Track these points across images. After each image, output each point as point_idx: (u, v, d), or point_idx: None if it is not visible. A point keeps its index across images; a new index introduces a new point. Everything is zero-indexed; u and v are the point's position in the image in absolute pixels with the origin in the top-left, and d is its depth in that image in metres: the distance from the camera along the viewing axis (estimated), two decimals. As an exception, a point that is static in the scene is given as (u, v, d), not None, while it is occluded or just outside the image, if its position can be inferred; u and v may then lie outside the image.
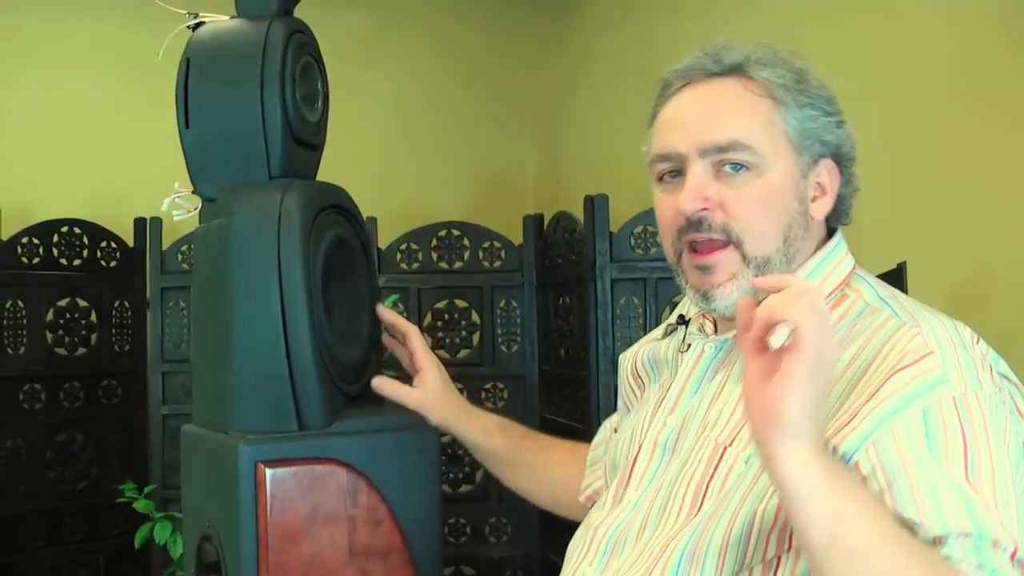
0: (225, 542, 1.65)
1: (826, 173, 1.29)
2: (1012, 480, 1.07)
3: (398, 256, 3.73)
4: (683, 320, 1.44)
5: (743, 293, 1.25)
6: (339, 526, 1.61)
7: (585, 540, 1.35)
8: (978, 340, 1.18)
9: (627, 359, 1.59)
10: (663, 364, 1.47)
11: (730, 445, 1.21)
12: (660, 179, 1.33)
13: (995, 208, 2.54)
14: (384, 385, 1.69)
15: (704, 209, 1.25)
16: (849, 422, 1.09)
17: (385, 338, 1.80)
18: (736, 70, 1.29)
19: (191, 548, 1.80)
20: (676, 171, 1.30)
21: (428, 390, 1.73)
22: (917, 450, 1.06)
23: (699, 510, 1.20)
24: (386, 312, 1.79)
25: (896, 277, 2.43)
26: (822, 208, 1.30)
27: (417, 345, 1.77)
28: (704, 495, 1.20)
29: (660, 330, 1.54)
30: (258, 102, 1.70)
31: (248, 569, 1.58)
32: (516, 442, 1.76)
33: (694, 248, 1.28)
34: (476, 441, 1.76)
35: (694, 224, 1.26)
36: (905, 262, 2.52)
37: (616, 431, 1.62)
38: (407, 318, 3.61)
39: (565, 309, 3.50)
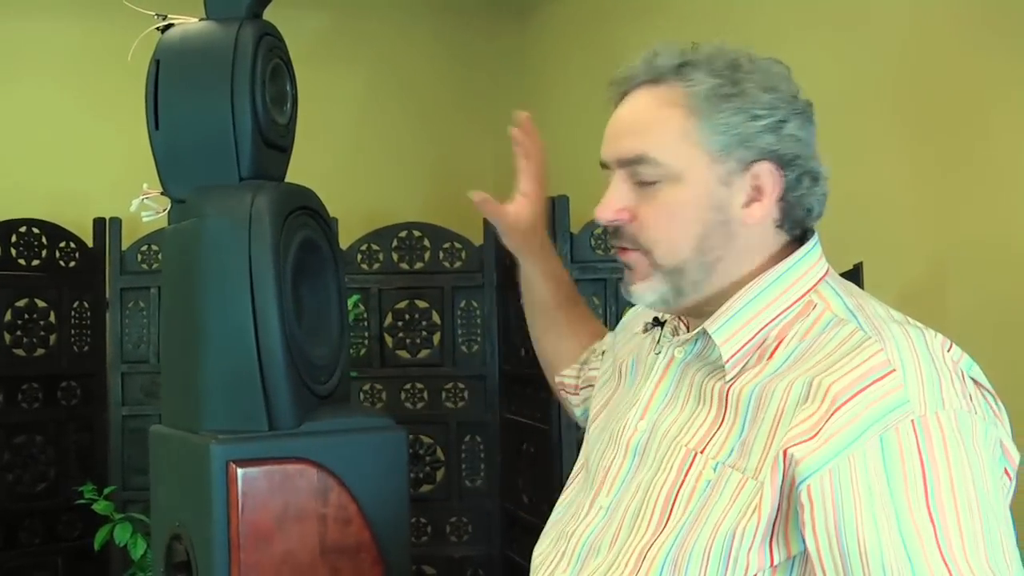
0: (196, 541, 1.67)
1: (767, 176, 1.26)
2: (978, 502, 1.06)
3: (359, 257, 3.73)
4: (659, 322, 1.44)
5: (658, 295, 1.29)
6: (310, 524, 1.63)
7: (558, 549, 1.34)
8: (950, 347, 1.16)
9: (632, 319, 1.61)
10: (640, 363, 1.48)
11: (701, 452, 1.21)
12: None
13: (950, 208, 2.59)
14: (483, 202, 1.74)
15: (617, 220, 1.28)
16: (811, 439, 1.09)
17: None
18: (663, 76, 1.29)
19: (160, 548, 1.81)
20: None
21: (520, 216, 1.77)
22: (872, 487, 1.06)
23: (668, 518, 1.19)
24: (526, 122, 1.82)
25: (853, 278, 2.47)
26: (758, 212, 1.27)
27: (532, 170, 1.81)
28: (674, 503, 1.20)
29: (640, 326, 1.53)
30: (228, 104, 1.72)
31: (219, 568, 1.59)
32: (561, 300, 1.80)
33: (621, 247, 1.32)
34: (531, 276, 1.81)
35: (612, 233, 1.30)
36: (862, 263, 2.56)
37: (603, 353, 1.66)
38: (367, 319, 3.65)
39: (526, 309, 3.51)
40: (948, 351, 1.16)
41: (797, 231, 1.33)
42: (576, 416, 1.79)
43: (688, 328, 1.38)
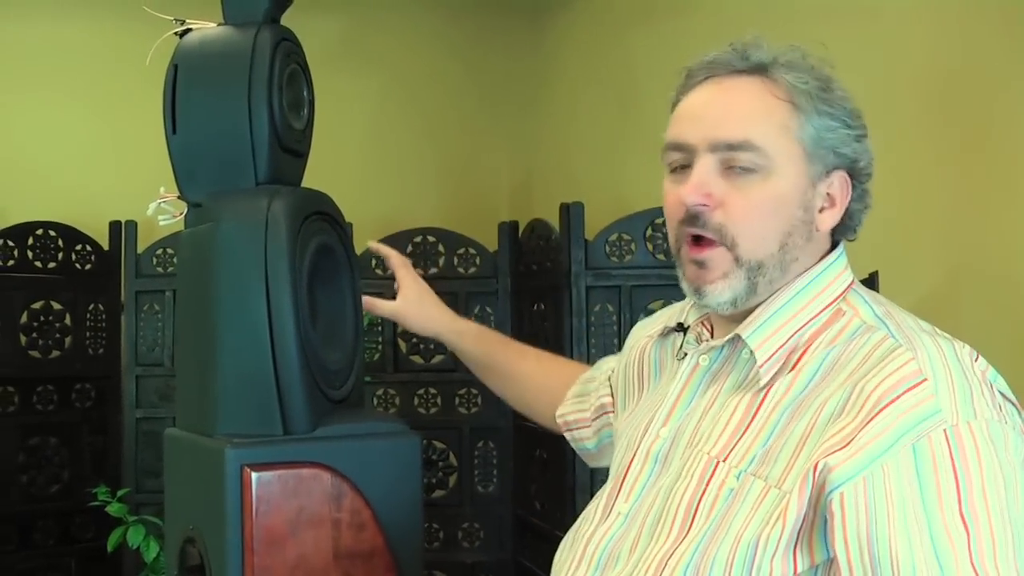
0: (209, 545, 1.67)
1: (838, 185, 1.28)
2: (1009, 510, 1.06)
3: (373, 262, 3.73)
4: (682, 327, 1.43)
5: (733, 294, 1.27)
6: (323, 529, 1.63)
7: (575, 553, 1.33)
8: (977, 358, 1.17)
9: (625, 362, 1.58)
10: (665, 367, 1.47)
11: (724, 460, 1.20)
12: (672, 170, 1.31)
13: (966, 218, 2.58)
14: (366, 303, 1.93)
15: (704, 204, 1.24)
16: (844, 447, 1.09)
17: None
18: (760, 70, 1.28)
19: (173, 551, 1.82)
20: (686, 164, 1.28)
21: (406, 300, 1.93)
22: (905, 495, 1.06)
23: (690, 526, 1.19)
24: (374, 247, 2.09)
25: (868, 286, 2.46)
26: (829, 220, 1.29)
27: (397, 263, 1.97)
28: (695, 512, 1.19)
29: (658, 330, 1.52)
30: (246, 109, 1.72)
31: (233, 572, 1.60)
32: (489, 350, 1.93)
33: (693, 242, 1.27)
34: (454, 344, 1.94)
35: (692, 218, 1.25)
36: (877, 271, 2.56)
37: (611, 387, 1.65)
38: (381, 323, 3.65)
39: (540, 316, 3.52)
40: (975, 362, 1.16)
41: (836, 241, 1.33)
42: (588, 449, 1.76)
43: (712, 334, 1.37)
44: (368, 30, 4.65)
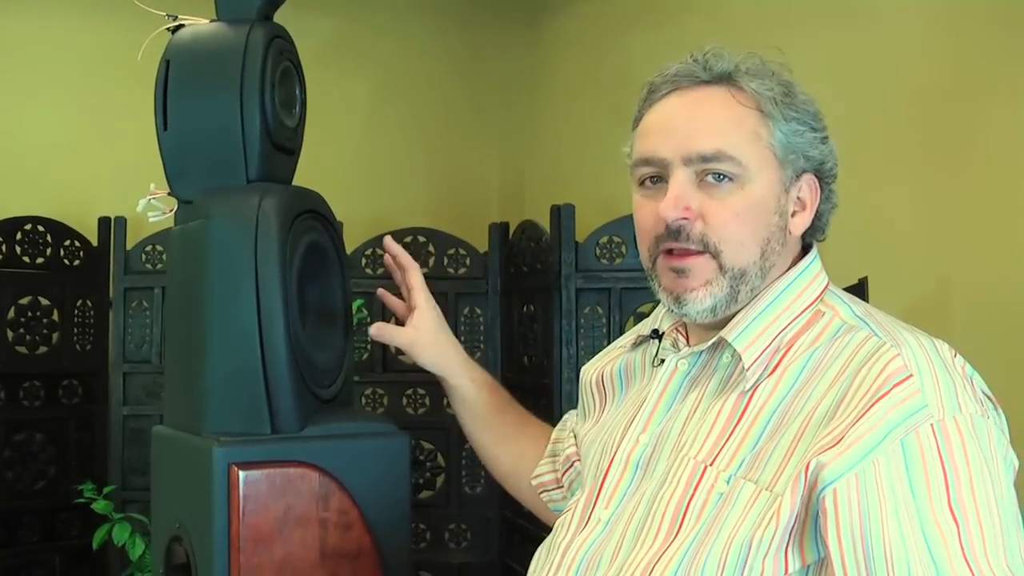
0: (196, 543, 1.66)
1: (807, 188, 1.30)
2: (996, 503, 1.08)
3: (363, 261, 3.73)
4: (656, 334, 1.43)
5: (715, 301, 1.27)
6: (310, 529, 1.62)
7: (552, 563, 1.32)
8: (955, 355, 1.19)
9: (591, 371, 1.58)
10: (635, 377, 1.47)
11: (711, 464, 1.21)
12: (641, 183, 1.32)
13: (956, 224, 2.59)
14: (377, 330, 1.72)
15: (684, 218, 1.25)
16: (835, 445, 1.10)
17: (388, 264, 1.82)
18: (724, 79, 1.29)
19: (160, 549, 1.81)
20: (658, 176, 1.29)
21: (420, 329, 1.73)
22: (896, 490, 1.07)
23: (678, 531, 1.19)
24: (391, 244, 1.80)
25: (858, 292, 2.47)
26: (801, 223, 1.30)
27: (416, 282, 1.77)
28: (684, 516, 1.19)
29: (628, 340, 1.53)
30: (237, 106, 1.71)
31: (219, 571, 1.59)
32: (500, 404, 1.76)
33: (670, 252, 1.28)
34: (463, 390, 1.74)
35: (673, 233, 1.26)
36: (866, 277, 2.56)
37: (575, 436, 1.62)
38: (370, 323, 3.64)
39: (529, 317, 3.52)
40: (955, 358, 1.18)
41: (807, 244, 1.35)
42: (561, 511, 1.71)
43: (688, 340, 1.37)
44: (361, 30, 4.64)
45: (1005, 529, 1.07)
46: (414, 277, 1.77)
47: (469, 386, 1.74)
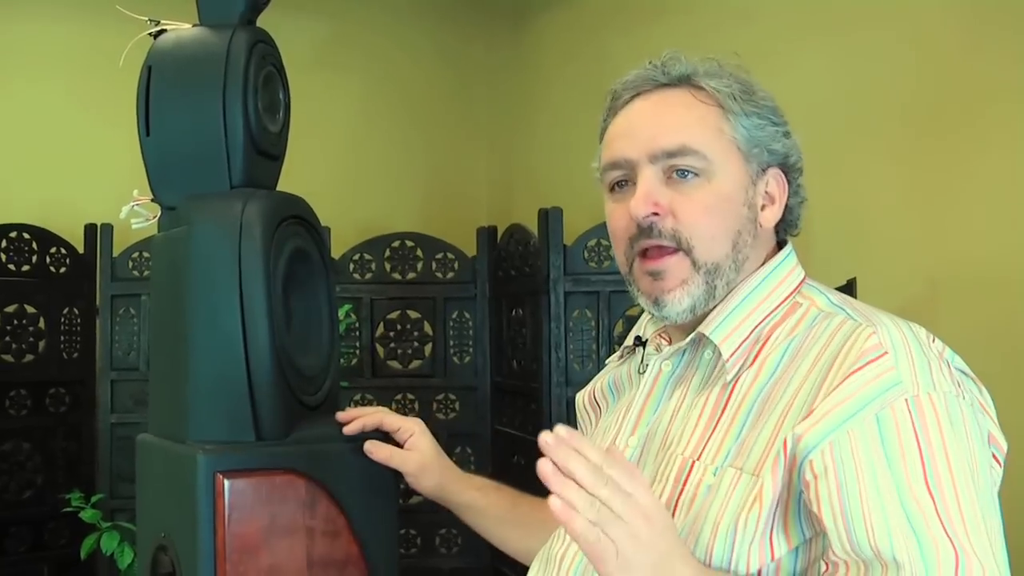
0: (181, 553, 1.64)
1: (774, 182, 1.31)
2: (971, 479, 1.09)
3: (351, 266, 3.72)
4: (640, 341, 1.45)
5: (692, 300, 1.27)
6: (297, 537, 1.61)
7: (550, 573, 1.33)
8: (933, 339, 1.20)
9: (584, 394, 1.59)
10: (623, 387, 1.47)
11: (698, 459, 1.22)
12: (611, 189, 1.34)
13: (943, 226, 2.59)
14: (377, 450, 1.66)
15: (655, 214, 1.26)
16: (807, 416, 1.11)
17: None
18: (684, 80, 1.31)
19: (145, 558, 1.79)
20: (626, 180, 1.31)
21: (423, 452, 1.70)
22: (873, 460, 1.08)
23: None
24: (349, 412, 1.74)
25: (846, 293, 2.47)
26: (771, 216, 1.31)
27: (394, 417, 1.73)
28: (674, 512, 1.20)
29: (616, 356, 1.55)
30: (220, 111, 1.70)
31: (205, 580, 1.57)
32: (511, 498, 1.74)
33: (645, 255, 1.29)
34: (472, 501, 1.74)
35: (645, 231, 1.27)
36: (855, 278, 2.56)
37: None
38: (359, 328, 3.63)
39: (518, 321, 3.51)
40: (933, 342, 1.20)
41: (782, 240, 1.36)
42: None
43: (671, 343, 1.38)
44: (347, 34, 4.63)
45: (982, 506, 1.08)
46: (387, 416, 1.72)
47: (477, 496, 1.74)
